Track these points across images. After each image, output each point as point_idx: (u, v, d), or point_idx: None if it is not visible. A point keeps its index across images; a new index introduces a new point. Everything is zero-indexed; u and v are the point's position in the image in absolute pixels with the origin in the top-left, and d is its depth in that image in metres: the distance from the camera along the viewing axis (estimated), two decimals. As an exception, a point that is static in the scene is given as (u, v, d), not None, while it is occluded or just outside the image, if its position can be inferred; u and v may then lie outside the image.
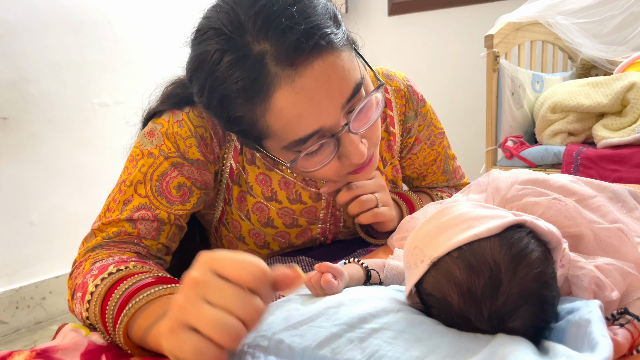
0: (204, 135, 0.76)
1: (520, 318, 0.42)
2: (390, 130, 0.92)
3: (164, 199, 0.73)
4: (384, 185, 0.86)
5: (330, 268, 0.54)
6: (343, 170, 0.71)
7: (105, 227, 0.71)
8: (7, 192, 2.01)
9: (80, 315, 0.61)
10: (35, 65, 2.05)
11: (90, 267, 0.64)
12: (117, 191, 0.73)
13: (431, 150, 0.99)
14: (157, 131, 0.75)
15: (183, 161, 0.74)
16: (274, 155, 0.69)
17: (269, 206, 0.83)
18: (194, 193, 0.76)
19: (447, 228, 0.46)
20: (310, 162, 0.67)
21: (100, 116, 2.26)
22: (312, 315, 0.47)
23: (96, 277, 0.60)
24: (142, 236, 0.71)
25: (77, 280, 0.64)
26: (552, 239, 0.46)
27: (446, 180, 1.04)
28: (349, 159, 0.67)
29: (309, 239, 0.91)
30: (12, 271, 2.05)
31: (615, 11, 2.24)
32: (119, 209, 0.71)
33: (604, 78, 2.00)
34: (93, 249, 0.69)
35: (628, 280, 0.50)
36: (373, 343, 0.42)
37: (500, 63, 2.09)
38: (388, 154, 0.94)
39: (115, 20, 2.29)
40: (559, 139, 2.02)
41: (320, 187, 0.86)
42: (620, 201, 0.63)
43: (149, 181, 0.72)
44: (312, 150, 0.65)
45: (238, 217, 0.84)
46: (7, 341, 1.98)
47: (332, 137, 0.65)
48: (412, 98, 0.92)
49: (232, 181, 0.81)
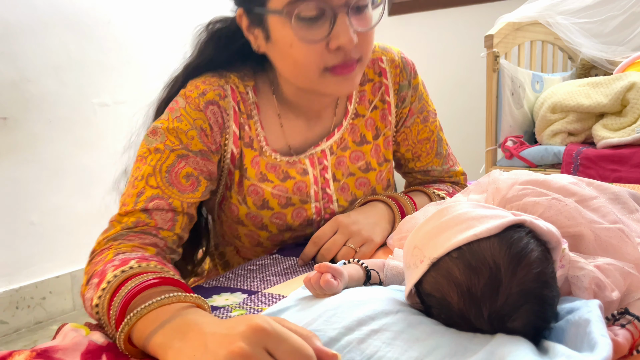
0: (204, 127, 0.80)
1: (520, 318, 0.42)
2: (386, 99, 0.96)
3: (175, 188, 0.77)
4: (358, 228, 0.82)
5: (330, 268, 0.54)
6: (326, 57, 0.75)
7: (122, 217, 0.74)
8: (7, 192, 2.01)
9: (90, 301, 0.61)
10: (35, 65, 2.05)
11: (113, 257, 0.65)
12: (131, 187, 0.76)
13: (424, 126, 1.01)
14: (159, 129, 0.79)
15: (188, 153, 0.78)
16: (274, 10, 0.74)
17: (263, 187, 0.87)
18: (202, 182, 0.80)
19: (447, 228, 0.46)
20: (302, 29, 0.73)
21: (100, 116, 2.26)
22: (310, 320, 0.47)
23: (117, 267, 0.60)
24: (159, 227, 0.74)
25: (97, 267, 0.64)
26: (552, 239, 0.46)
27: (440, 165, 1.05)
28: (337, 41, 0.73)
29: (306, 220, 0.91)
30: (12, 271, 2.05)
31: (616, 11, 2.24)
32: (133, 201, 0.74)
33: (604, 78, 2.00)
34: (115, 239, 0.71)
35: (628, 281, 0.50)
36: (372, 344, 0.42)
37: (500, 63, 2.09)
38: (382, 123, 0.96)
39: (115, 20, 2.29)
40: (558, 139, 2.02)
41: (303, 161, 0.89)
42: (621, 203, 0.63)
43: (159, 173, 0.76)
44: (310, 16, 0.73)
45: (236, 202, 0.87)
46: (7, 341, 1.98)
47: (331, 11, 0.72)
48: (406, 68, 0.96)
49: (234, 166, 0.85)
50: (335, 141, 0.92)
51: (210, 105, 0.81)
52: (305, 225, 0.92)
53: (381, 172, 0.97)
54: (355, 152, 0.94)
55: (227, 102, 0.83)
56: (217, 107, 0.81)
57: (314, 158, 0.90)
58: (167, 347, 0.47)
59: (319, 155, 0.91)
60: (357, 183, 0.95)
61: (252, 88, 0.87)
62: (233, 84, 0.84)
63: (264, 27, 0.78)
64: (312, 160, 0.90)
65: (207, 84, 0.82)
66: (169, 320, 0.50)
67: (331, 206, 0.93)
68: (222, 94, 0.82)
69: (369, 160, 0.95)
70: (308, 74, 0.78)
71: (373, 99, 0.95)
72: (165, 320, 0.49)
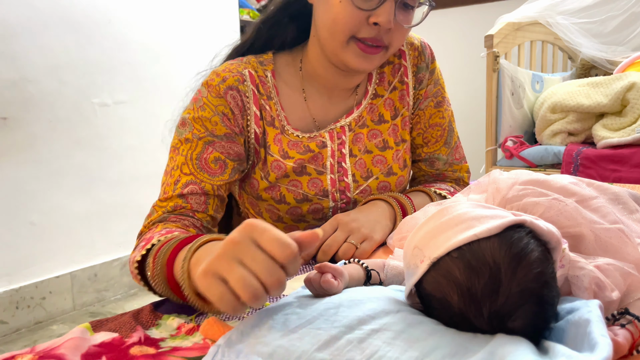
0: (225, 111, 0.87)
1: (520, 318, 0.42)
2: (404, 80, 1.01)
3: (206, 173, 0.85)
4: (358, 225, 0.83)
5: (330, 268, 0.54)
6: (360, 27, 0.82)
7: (162, 202, 0.84)
8: (7, 192, 2.01)
9: (133, 258, 0.72)
10: (35, 65, 2.05)
11: (161, 229, 0.77)
12: (169, 176, 0.85)
13: (437, 111, 1.04)
14: (187, 119, 0.87)
15: (213, 138, 0.86)
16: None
17: (285, 163, 0.93)
18: (229, 165, 0.88)
19: (447, 228, 0.46)
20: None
21: (100, 116, 2.26)
22: (310, 318, 0.47)
23: (162, 235, 0.72)
24: (195, 210, 0.84)
25: (147, 235, 0.76)
26: (552, 239, 0.46)
27: (446, 154, 1.06)
28: (377, 17, 0.80)
29: (321, 190, 0.95)
30: (12, 271, 2.05)
31: (616, 11, 2.24)
32: (171, 189, 0.84)
33: (604, 78, 2.00)
34: (160, 221, 0.81)
35: (629, 281, 0.50)
36: (372, 344, 0.42)
37: (500, 63, 2.09)
38: (400, 104, 1.01)
39: (115, 20, 2.29)
40: (558, 139, 2.02)
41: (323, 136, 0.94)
42: (622, 203, 0.63)
43: (190, 161, 0.85)
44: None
45: (258, 177, 0.94)
46: (7, 341, 1.98)
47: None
48: (425, 52, 1.02)
49: (258, 145, 0.92)
50: (354, 118, 0.97)
51: (229, 90, 0.88)
52: (321, 195, 0.95)
53: (398, 151, 1.00)
54: (373, 131, 0.99)
55: (247, 86, 0.90)
56: (237, 91, 0.89)
57: (333, 133, 0.96)
58: (197, 263, 0.57)
59: (338, 130, 0.96)
60: (374, 160, 0.98)
61: (271, 72, 0.93)
62: (252, 69, 0.91)
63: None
64: (332, 135, 0.95)
65: (227, 72, 0.89)
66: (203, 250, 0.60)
67: (346, 179, 0.96)
68: (240, 78, 0.89)
69: (387, 138, 0.99)
70: (338, 35, 0.84)
71: (392, 80, 1.00)
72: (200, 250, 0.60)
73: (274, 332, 0.46)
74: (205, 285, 0.49)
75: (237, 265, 0.47)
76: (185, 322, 0.60)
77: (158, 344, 0.56)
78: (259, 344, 0.45)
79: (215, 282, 0.48)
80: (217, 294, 0.48)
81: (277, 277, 0.47)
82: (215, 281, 0.48)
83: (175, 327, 0.60)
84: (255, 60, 0.93)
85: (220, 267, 0.48)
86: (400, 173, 1.00)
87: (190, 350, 0.53)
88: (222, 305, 0.48)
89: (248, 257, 0.48)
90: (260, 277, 0.47)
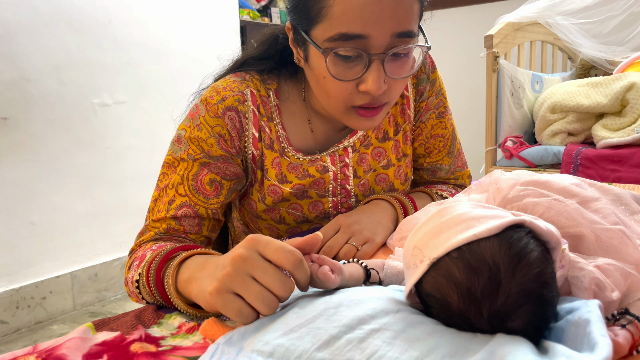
0: (222, 133, 0.84)
1: (519, 318, 0.42)
2: (404, 94, 0.98)
3: (201, 195, 0.83)
4: (360, 227, 0.83)
5: (328, 261, 0.54)
6: (354, 97, 0.78)
7: (155, 223, 0.82)
8: (7, 192, 2.01)
9: (131, 279, 0.72)
10: (35, 65, 2.05)
11: (152, 246, 0.77)
12: (164, 194, 0.83)
13: (439, 122, 1.02)
14: (182, 137, 0.85)
15: (209, 160, 0.84)
16: (314, 41, 0.76)
17: (282, 188, 0.90)
18: (224, 185, 0.86)
19: (447, 228, 0.46)
20: (337, 65, 0.75)
21: (100, 116, 2.26)
22: (310, 318, 0.47)
23: (154, 251, 0.71)
24: (188, 232, 0.83)
25: (138, 254, 0.76)
26: (552, 239, 0.46)
27: (449, 164, 1.05)
28: (365, 85, 0.75)
29: (322, 212, 0.94)
30: (12, 271, 2.05)
31: (615, 11, 2.24)
32: (165, 208, 0.82)
33: (604, 78, 2.00)
34: (152, 241, 0.80)
35: (629, 281, 0.50)
36: (372, 344, 0.42)
37: (500, 63, 2.09)
38: (401, 118, 0.98)
39: (115, 20, 2.29)
40: (558, 139, 2.02)
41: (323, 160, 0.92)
42: (623, 204, 0.63)
43: (186, 181, 0.83)
44: (346, 55, 0.74)
45: (256, 199, 0.92)
46: (7, 341, 1.98)
47: (368, 55, 0.73)
48: (425, 62, 0.97)
49: (255, 166, 0.90)
50: (358, 138, 0.94)
51: (228, 111, 0.85)
52: (322, 217, 0.94)
53: (399, 167, 0.99)
54: (377, 149, 0.97)
55: (247, 106, 0.86)
56: (236, 112, 0.85)
57: (335, 155, 0.93)
58: (192, 279, 0.60)
59: (340, 152, 0.93)
60: (376, 179, 0.97)
61: (274, 91, 0.90)
62: (254, 88, 0.88)
63: (305, 50, 0.80)
64: (333, 158, 0.93)
65: (228, 90, 0.86)
66: (192, 264, 0.63)
67: (348, 201, 0.96)
68: (241, 98, 0.86)
69: (390, 156, 0.97)
70: (335, 106, 0.81)
71: None
72: (190, 265, 0.63)
73: (274, 331, 0.46)
74: (222, 303, 0.51)
75: (251, 280, 0.50)
76: (186, 320, 0.61)
77: (158, 342, 0.56)
78: (258, 343, 0.45)
79: (231, 298, 0.50)
80: (236, 309, 0.50)
81: (288, 286, 0.50)
82: (231, 297, 0.50)
83: (177, 325, 0.60)
84: (259, 78, 0.89)
85: (234, 284, 0.50)
86: (401, 188, 1.00)
87: (191, 349, 0.54)
88: (240, 319, 0.50)
89: (258, 270, 0.50)
90: (274, 289, 0.49)
